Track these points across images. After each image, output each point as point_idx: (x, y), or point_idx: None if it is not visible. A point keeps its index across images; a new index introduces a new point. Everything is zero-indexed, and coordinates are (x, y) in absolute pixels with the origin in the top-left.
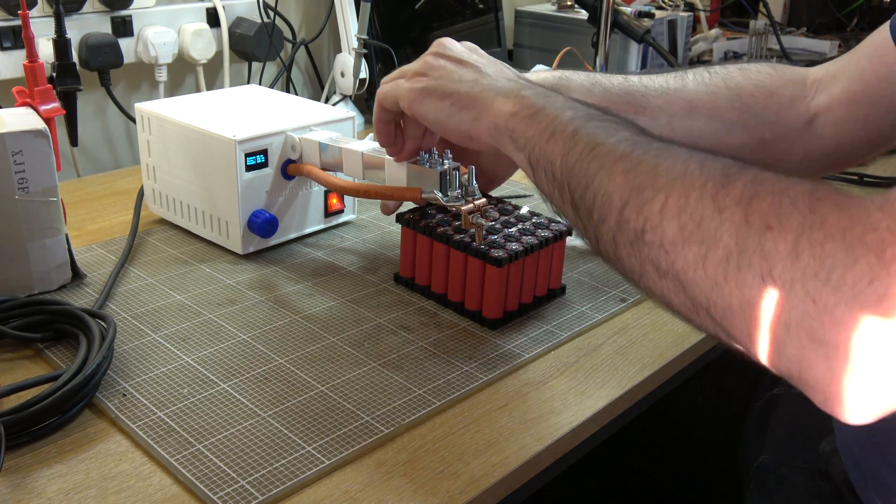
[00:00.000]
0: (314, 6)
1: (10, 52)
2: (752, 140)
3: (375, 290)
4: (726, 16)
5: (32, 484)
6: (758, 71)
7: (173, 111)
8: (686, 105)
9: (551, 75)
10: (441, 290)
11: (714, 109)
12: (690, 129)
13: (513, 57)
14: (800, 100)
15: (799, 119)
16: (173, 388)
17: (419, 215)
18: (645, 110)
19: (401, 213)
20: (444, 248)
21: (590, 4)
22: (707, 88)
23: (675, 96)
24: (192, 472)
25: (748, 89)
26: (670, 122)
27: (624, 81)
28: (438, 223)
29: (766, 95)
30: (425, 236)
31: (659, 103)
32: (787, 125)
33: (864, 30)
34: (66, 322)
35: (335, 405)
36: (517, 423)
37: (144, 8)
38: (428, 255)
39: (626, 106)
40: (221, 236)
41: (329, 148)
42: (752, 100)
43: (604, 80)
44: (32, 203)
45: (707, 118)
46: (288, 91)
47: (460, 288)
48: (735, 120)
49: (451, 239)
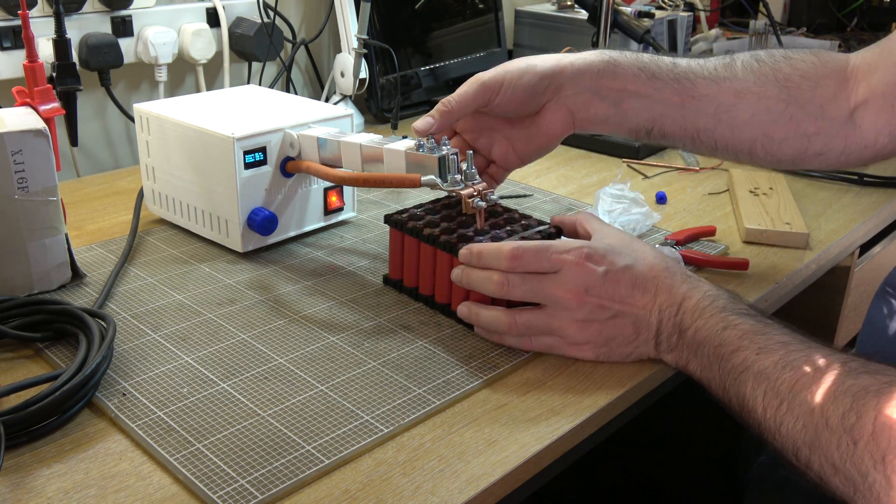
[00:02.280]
0: (314, 6)
1: (10, 52)
2: (797, 133)
3: (375, 290)
4: (726, 16)
5: (32, 483)
6: (802, 60)
7: (172, 111)
8: (734, 94)
9: (598, 59)
10: (429, 293)
11: (761, 101)
12: (736, 120)
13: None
14: (842, 91)
15: (841, 112)
16: (173, 387)
17: (408, 217)
18: (692, 99)
19: (389, 214)
20: (431, 250)
21: (590, 4)
22: (755, 78)
23: (724, 85)
24: (191, 471)
25: (795, 80)
26: (717, 112)
27: (672, 67)
28: (426, 224)
29: (812, 87)
30: (412, 238)
31: (707, 92)
32: (830, 118)
33: (865, 30)
34: (66, 322)
35: (335, 404)
36: (517, 423)
37: (144, 8)
38: (416, 257)
39: (673, 93)
40: (221, 235)
41: (328, 143)
42: (799, 92)
43: (651, 66)
44: (32, 203)
45: (754, 109)
46: (288, 91)
47: (447, 290)
48: (782, 111)
49: (437, 240)
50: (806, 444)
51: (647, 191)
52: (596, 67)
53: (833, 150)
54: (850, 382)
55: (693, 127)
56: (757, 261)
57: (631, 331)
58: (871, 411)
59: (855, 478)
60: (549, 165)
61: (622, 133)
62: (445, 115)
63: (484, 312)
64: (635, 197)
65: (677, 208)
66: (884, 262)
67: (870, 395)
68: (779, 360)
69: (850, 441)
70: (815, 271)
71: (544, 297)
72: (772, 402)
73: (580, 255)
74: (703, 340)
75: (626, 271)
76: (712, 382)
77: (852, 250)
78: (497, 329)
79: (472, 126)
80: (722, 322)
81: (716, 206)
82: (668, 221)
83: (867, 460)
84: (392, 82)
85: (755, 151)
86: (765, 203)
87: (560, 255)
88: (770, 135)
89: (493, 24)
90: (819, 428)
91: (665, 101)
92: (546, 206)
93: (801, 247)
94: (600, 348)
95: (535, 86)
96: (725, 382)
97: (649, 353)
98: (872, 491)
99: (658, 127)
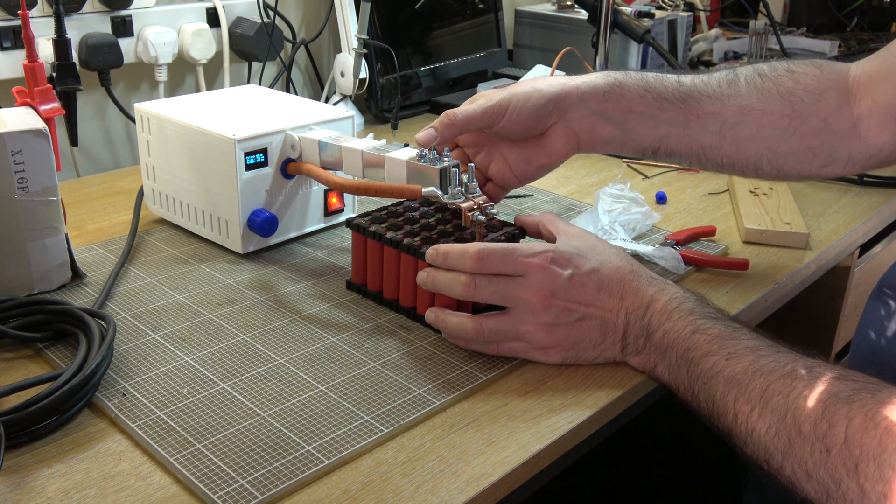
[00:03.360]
0: (314, 6)
1: (10, 52)
2: (801, 147)
3: None
4: (726, 16)
5: (32, 483)
6: (805, 73)
7: (172, 111)
8: (738, 111)
9: (604, 82)
10: (393, 296)
11: (765, 116)
12: (741, 136)
13: (513, 57)
14: (845, 104)
15: (845, 124)
16: (173, 387)
17: (370, 220)
18: (697, 117)
19: (350, 219)
20: (395, 254)
21: (590, 4)
22: (759, 93)
23: (728, 102)
24: (191, 471)
25: (798, 94)
26: (722, 130)
27: (678, 86)
28: (389, 228)
29: (815, 100)
30: (376, 241)
31: (712, 110)
32: (834, 131)
33: (865, 30)
34: (66, 322)
35: (335, 405)
36: (517, 423)
37: (144, 8)
38: (379, 260)
39: (678, 112)
40: (221, 236)
41: (329, 146)
42: (803, 106)
43: (657, 85)
44: (32, 203)
45: (758, 126)
46: (288, 91)
47: (412, 293)
48: (786, 127)
49: (400, 244)
50: (779, 450)
51: (647, 191)
52: (601, 90)
53: (838, 162)
54: (820, 388)
55: (699, 145)
56: (757, 261)
57: (597, 334)
58: (843, 419)
59: (828, 485)
60: None
61: (627, 152)
62: (448, 127)
63: (451, 319)
64: (635, 197)
65: (677, 208)
66: (884, 262)
67: (840, 402)
68: (749, 365)
69: (823, 449)
70: (815, 271)
71: (510, 300)
72: (742, 407)
73: (545, 259)
74: (671, 343)
75: (591, 274)
76: (681, 386)
77: (852, 250)
78: (464, 336)
79: (473, 141)
80: (690, 325)
81: (716, 206)
82: (668, 221)
83: (840, 468)
84: (392, 82)
85: (761, 166)
86: (765, 203)
87: (525, 258)
88: (775, 149)
89: (493, 24)
90: (792, 435)
91: (670, 121)
92: (546, 206)
93: (801, 247)
94: (567, 352)
95: (541, 109)
96: (694, 387)
97: (616, 356)
98: (846, 498)
99: (664, 146)
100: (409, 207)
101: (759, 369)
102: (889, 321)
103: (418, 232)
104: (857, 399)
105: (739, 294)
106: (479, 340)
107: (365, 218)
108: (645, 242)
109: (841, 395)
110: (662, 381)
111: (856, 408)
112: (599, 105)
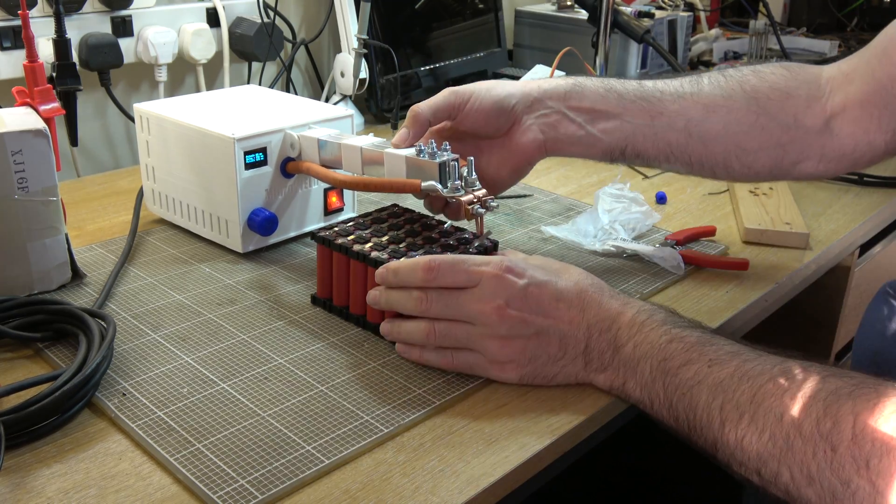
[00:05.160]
0: (314, 6)
1: (10, 52)
2: (770, 143)
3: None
4: (726, 16)
5: (32, 483)
6: (772, 73)
7: (172, 111)
8: (703, 109)
9: (564, 82)
10: (360, 312)
11: (731, 113)
12: (708, 133)
13: (513, 57)
14: (815, 101)
15: (816, 121)
16: (173, 387)
17: (336, 233)
18: (661, 115)
19: (315, 232)
20: (362, 267)
21: (590, 4)
22: (723, 91)
23: (691, 100)
24: (191, 471)
25: (764, 91)
26: (687, 127)
27: (638, 87)
28: (356, 240)
29: (783, 98)
30: (342, 255)
31: (675, 108)
32: (805, 127)
33: (865, 30)
34: (66, 322)
35: (335, 405)
36: (517, 423)
37: (144, 8)
38: (345, 274)
39: (641, 111)
40: (221, 235)
41: (328, 144)
42: (769, 102)
43: (618, 86)
44: (32, 203)
45: (724, 122)
46: (288, 91)
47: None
48: (752, 123)
49: (368, 257)
50: (774, 456)
51: (647, 191)
52: (563, 89)
53: (810, 160)
54: (817, 387)
55: (665, 143)
56: (757, 261)
57: (556, 348)
58: (849, 415)
59: (835, 486)
60: (549, 165)
61: (595, 155)
62: (415, 120)
63: (405, 325)
64: (635, 197)
65: (677, 208)
66: (884, 262)
67: (843, 399)
68: (734, 370)
69: (827, 448)
70: (815, 271)
71: (464, 313)
72: (731, 414)
73: (499, 267)
74: (643, 356)
75: (548, 284)
76: (655, 401)
77: (852, 250)
78: (416, 340)
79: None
80: (665, 335)
81: (716, 206)
82: (668, 221)
83: (849, 466)
84: (392, 82)
85: (731, 164)
86: (765, 203)
87: (478, 267)
88: (743, 146)
89: (493, 24)
90: (790, 437)
91: (634, 120)
92: (546, 206)
93: (801, 247)
94: (524, 368)
95: (503, 101)
96: (672, 399)
97: (577, 373)
98: (855, 498)
99: (631, 146)
100: (377, 218)
101: (745, 373)
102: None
103: (387, 244)
104: (859, 394)
105: (739, 294)
106: (431, 342)
107: (331, 230)
108: (645, 242)
109: (842, 392)
110: (632, 398)
111: (860, 403)
112: (562, 103)
